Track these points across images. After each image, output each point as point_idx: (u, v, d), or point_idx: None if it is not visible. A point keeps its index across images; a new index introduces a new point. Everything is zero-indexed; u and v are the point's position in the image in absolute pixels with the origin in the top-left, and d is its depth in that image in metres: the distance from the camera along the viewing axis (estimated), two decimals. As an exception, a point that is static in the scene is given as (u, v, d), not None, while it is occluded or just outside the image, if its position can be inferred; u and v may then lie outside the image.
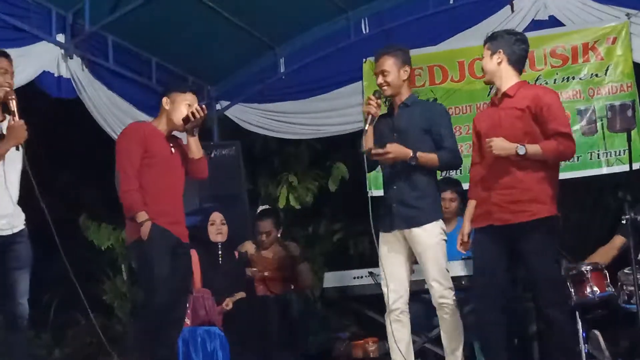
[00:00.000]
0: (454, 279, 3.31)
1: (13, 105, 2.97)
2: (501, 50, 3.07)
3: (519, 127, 3.00)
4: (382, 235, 3.24)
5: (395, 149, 3.13)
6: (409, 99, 3.28)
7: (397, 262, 3.20)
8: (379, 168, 3.38)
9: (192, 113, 3.18)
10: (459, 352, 3.18)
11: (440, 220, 3.21)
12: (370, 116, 3.21)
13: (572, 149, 3.01)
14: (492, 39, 3.10)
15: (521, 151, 2.93)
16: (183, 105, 3.25)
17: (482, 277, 3.05)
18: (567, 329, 2.96)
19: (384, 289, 3.22)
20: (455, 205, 4.07)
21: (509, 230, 2.97)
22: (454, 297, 3.17)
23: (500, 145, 2.95)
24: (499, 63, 3.07)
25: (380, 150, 3.14)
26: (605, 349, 3.40)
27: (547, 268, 2.93)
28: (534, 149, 2.94)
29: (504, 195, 2.99)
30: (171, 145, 3.28)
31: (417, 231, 3.15)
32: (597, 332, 3.45)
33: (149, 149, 3.19)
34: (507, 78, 3.07)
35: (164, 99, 3.30)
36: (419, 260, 3.20)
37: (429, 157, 3.15)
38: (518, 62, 3.10)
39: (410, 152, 3.13)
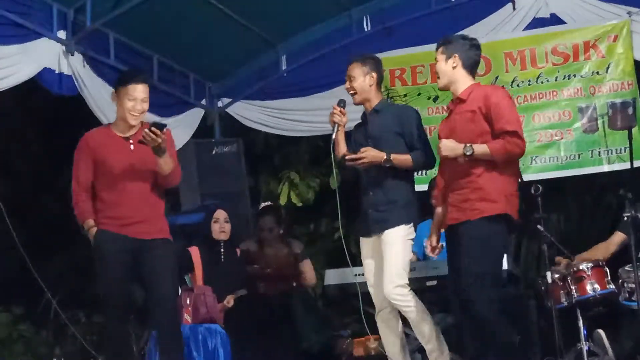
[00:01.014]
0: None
1: None
2: (456, 55, 3.06)
3: (472, 128, 3.00)
4: (362, 239, 3.33)
5: (369, 153, 3.20)
6: (379, 105, 3.34)
7: (378, 264, 3.25)
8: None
9: (144, 136, 3.04)
10: (432, 340, 3.20)
11: (411, 223, 3.25)
12: (336, 125, 3.28)
13: (521, 147, 2.98)
14: (447, 43, 3.10)
15: (468, 151, 2.94)
16: (126, 100, 3.15)
17: (452, 279, 3.07)
18: (490, 326, 2.91)
19: (370, 290, 3.30)
20: None
21: (458, 229, 2.99)
22: (406, 295, 3.17)
23: (448, 146, 2.98)
24: (454, 67, 3.07)
25: (354, 156, 3.21)
26: (609, 348, 3.40)
27: (475, 263, 2.90)
28: (481, 149, 2.95)
29: (457, 195, 3.01)
30: (131, 142, 3.16)
31: (386, 233, 3.22)
32: (601, 332, 3.45)
33: (97, 159, 3.15)
34: (462, 82, 3.08)
35: (112, 95, 3.23)
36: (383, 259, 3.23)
37: (403, 158, 3.22)
38: (472, 67, 3.11)
39: (384, 155, 3.19)
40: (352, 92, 3.32)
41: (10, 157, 6.64)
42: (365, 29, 4.93)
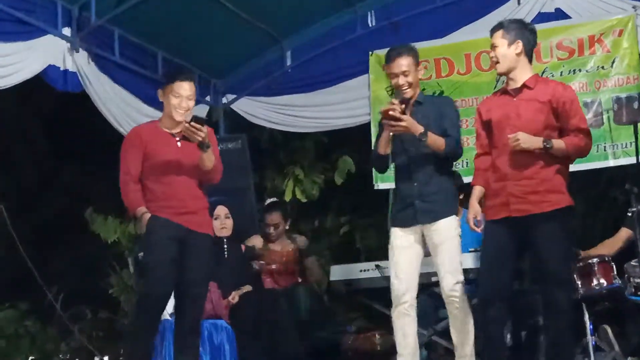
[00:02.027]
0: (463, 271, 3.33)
1: None
2: (520, 41, 3.05)
3: (540, 119, 2.99)
4: (397, 229, 3.27)
5: (409, 120, 3.14)
6: (420, 97, 3.32)
7: (411, 256, 3.23)
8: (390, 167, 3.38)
9: (185, 132, 3.10)
10: (469, 346, 3.19)
11: (456, 215, 3.26)
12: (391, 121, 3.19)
13: (590, 145, 3.05)
14: (508, 28, 3.07)
15: (548, 144, 2.94)
16: (172, 97, 3.19)
17: (491, 270, 3.04)
18: (567, 323, 2.95)
19: (394, 281, 3.24)
20: None
21: (527, 221, 2.96)
22: (463, 291, 3.19)
23: (527, 139, 2.94)
24: (518, 54, 3.05)
25: (396, 115, 3.12)
26: (615, 343, 3.40)
27: (560, 260, 2.93)
28: (559, 143, 2.96)
29: (521, 186, 2.98)
30: (177, 139, 3.23)
31: (436, 225, 3.19)
32: (606, 327, 3.45)
33: (147, 152, 3.20)
34: (524, 69, 3.07)
35: (159, 92, 3.27)
36: (434, 253, 3.22)
37: (438, 139, 3.18)
38: (531, 54, 3.11)
39: (422, 128, 3.16)
40: (407, 87, 3.24)
41: (15, 154, 6.66)
42: (370, 25, 4.91)
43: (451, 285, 3.15)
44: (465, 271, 3.40)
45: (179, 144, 3.23)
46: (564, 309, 2.92)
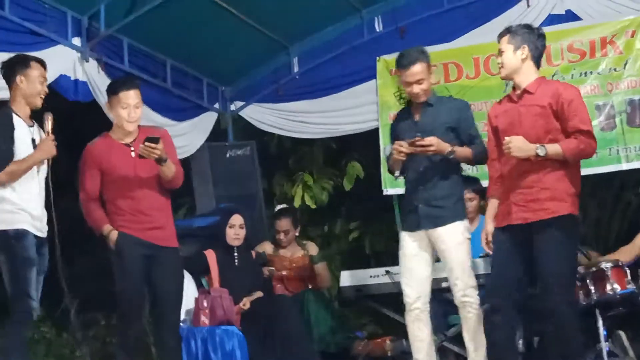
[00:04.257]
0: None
1: (48, 125, 3.15)
2: (526, 46, 3.01)
3: (540, 125, 2.95)
4: (405, 234, 3.27)
5: (436, 142, 3.14)
6: (432, 99, 3.29)
7: (420, 261, 3.22)
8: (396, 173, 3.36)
9: (141, 152, 3.11)
10: (482, 351, 3.17)
11: (466, 219, 3.23)
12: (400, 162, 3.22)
13: (593, 147, 2.96)
14: (514, 34, 3.03)
15: (541, 152, 2.88)
16: (119, 108, 3.20)
17: (497, 277, 3.03)
18: (571, 329, 2.91)
19: (405, 288, 3.24)
20: (475, 204, 4.04)
21: (527, 229, 2.94)
22: (477, 296, 3.18)
23: (519, 146, 2.90)
24: (524, 59, 3.01)
25: (424, 142, 3.13)
26: (630, 348, 3.36)
27: (558, 266, 2.89)
28: (554, 149, 2.90)
29: (522, 194, 2.95)
30: (132, 149, 3.21)
31: (441, 230, 3.17)
32: (621, 333, 3.41)
33: (103, 167, 3.21)
34: (529, 74, 3.02)
35: (106, 106, 3.30)
36: (443, 258, 3.22)
37: (464, 151, 3.19)
38: (539, 58, 3.06)
39: (449, 147, 3.15)
40: (422, 95, 3.23)
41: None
42: (377, 30, 4.90)
43: (464, 290, 3.15)
44: (476, 277, 3.39)
45: (133, 154, 3.22)
46: (564, 316, 2.88)
